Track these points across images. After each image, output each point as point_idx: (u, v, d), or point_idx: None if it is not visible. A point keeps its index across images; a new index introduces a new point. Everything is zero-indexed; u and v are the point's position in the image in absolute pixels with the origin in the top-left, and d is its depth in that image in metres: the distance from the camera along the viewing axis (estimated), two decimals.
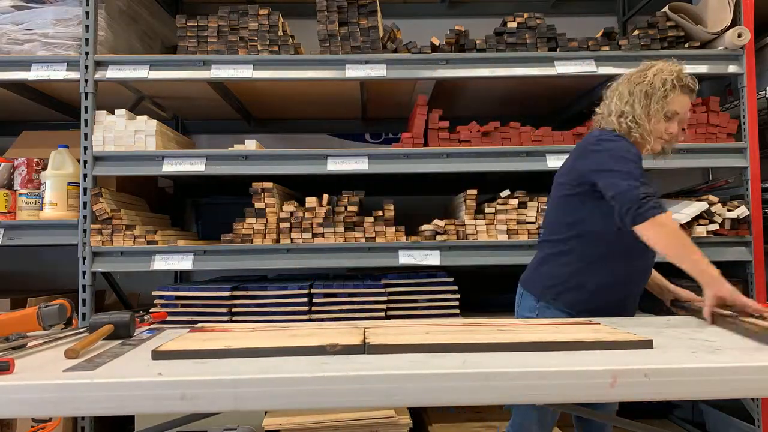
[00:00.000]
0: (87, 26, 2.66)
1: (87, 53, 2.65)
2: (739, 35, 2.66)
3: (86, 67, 2.65)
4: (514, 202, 2.68)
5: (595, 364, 1.19)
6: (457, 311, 2.72)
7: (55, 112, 3.26)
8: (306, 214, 2.66)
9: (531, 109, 3.42)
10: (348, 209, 2.67)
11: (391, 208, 2.69)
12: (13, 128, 3.33)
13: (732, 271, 2.95)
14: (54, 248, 2.81)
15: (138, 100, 3.09)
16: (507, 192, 2.70)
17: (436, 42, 2.76)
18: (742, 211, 2.65)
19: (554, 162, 2.67)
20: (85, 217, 2.61)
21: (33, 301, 2.73)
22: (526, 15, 2.77)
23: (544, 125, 2.79)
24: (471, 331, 1.48)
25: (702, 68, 2.74)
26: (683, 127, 1.91)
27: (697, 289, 1.75)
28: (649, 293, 2.07)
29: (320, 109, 3.44)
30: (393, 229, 2.67)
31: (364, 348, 1.30)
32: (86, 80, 2.65)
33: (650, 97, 1.83)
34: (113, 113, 2.67)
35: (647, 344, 1.33)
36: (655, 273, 2.02)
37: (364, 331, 1.47)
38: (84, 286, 2.59)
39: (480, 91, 3.12)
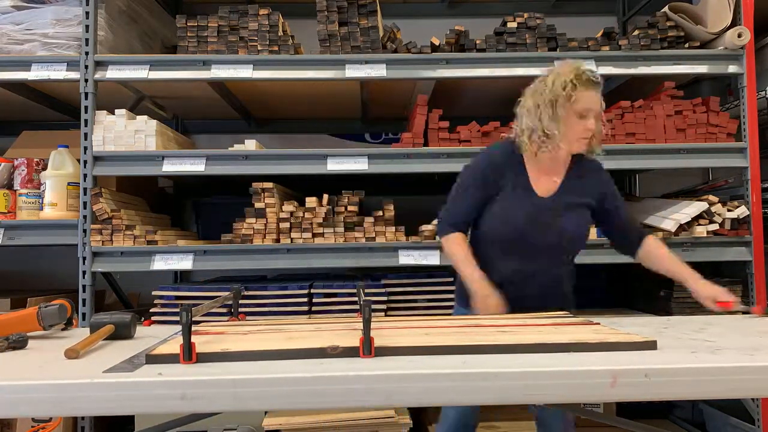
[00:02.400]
0: (87, 26, 2.65)
1: (87, 53, 2.65)
2: (739, 35, 2.66)
3: (86, 67, 2.65)
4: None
5: (595, 364, 1.19)
6: None
7: (55, 112, 3.25)
8: (306, 214, 2.66)
9: None
10: (348, 209, 2.67)
11: (391, 208, 2.69)
12: (13, 128, 3.33)
13: (732, 271, 2.95)
14: (54, 248, 2.81)
15: (138, 100, 3.09)
16: None
17: (436, 42, 2.76)
18: (742, 211, 2.65)
19: None
20: (85, 217, 2.61)
21: (33, 301, 2.73)
22: (526, 15, 2.77)
23: None
24: (471, 332, 1.47)
25: (702, 68, 2.75)
26: (602, 121, 1.87)
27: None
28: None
29: (320, 109, 3.44)
30: (393, 229, 2.67)
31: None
32: (86, 80, 2.65)
33: (555, 105, 1.81)
34: (113, 113, 2.67)
35: (651, 345, 1.32)
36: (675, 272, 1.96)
37: None
38: (84, 286, 2.59)
39: (480, 91, 3.12)
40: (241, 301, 2.62)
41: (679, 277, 1.92)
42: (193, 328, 1.59)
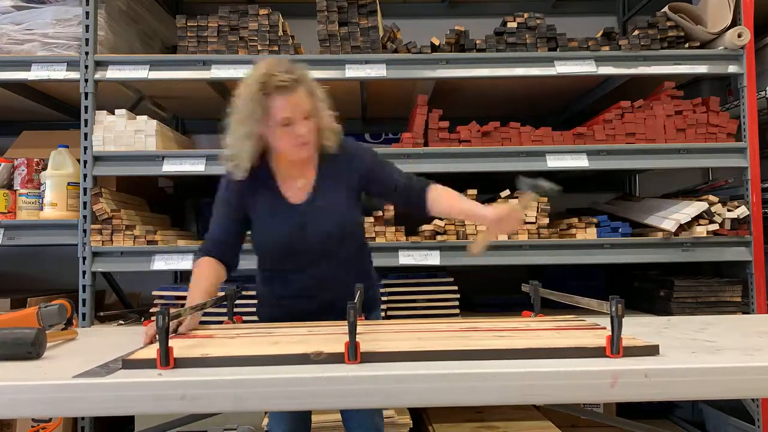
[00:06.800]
0: (87, 26, 2.65)
1: (87, 53, 2.65)
2: (739, 35, 2.66)
3: (86, 67, 2.65)
4: (514, 202, 2.67)
5: (595, 364, 1.19)
6: (457, 311, 2.72)
7: (55, 112, 3.25)
8: None
9: (531, 109, 3.42)
10: None
11: (391, 208, 2.69)
12: (13, 128, 3.33)
13: (732, 271, 2.95)
14: (54, 248, 2.81)
15: (138, 100, 3.08)
16: (507, 192, 2.70)
17: (436, 42, 2.76)
18: (742, 211, 2.65)
19: (554, 162, 2.67)
20: (85, 217, 2.61)
21: (33, 301, 2.73)
22: (526, 15, 2.77)
23: (544, 125, 2.78)
24: (466, 337, 1.43)
25: (702, 68, 2.74)
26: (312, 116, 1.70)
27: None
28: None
29: None
30: (393, 229, 2.67)
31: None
32: (86, 80, 2.65)
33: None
34: (113, 113, 2.67)
35: (653, 350, 1.29)
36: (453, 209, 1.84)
37: None
38: (84, 286, 2.59)
39: (480, 91, 3.12)
40: (239, 302, 2.63)
41: (467, 214, 1.80)
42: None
